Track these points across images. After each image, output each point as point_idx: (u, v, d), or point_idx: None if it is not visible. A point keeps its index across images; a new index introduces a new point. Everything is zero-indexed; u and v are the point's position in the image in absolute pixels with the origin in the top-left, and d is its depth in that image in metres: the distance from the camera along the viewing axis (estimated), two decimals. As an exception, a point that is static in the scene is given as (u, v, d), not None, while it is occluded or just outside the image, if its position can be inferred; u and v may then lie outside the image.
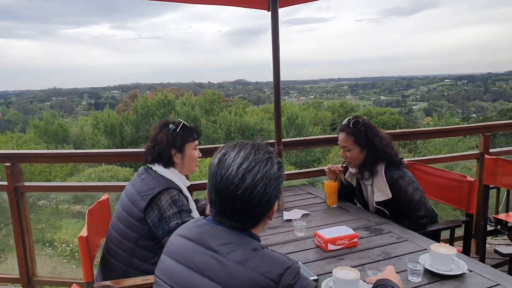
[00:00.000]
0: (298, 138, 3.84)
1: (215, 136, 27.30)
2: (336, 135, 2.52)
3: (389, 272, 1.38)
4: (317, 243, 1.90)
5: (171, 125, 2.01)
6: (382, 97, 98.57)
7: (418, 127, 52.23)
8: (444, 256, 1.58)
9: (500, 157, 3.01)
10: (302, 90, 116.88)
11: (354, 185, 2.58)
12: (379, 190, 2.32)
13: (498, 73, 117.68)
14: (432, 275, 1.56)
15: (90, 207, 2.02)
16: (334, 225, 2.08)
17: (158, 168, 1.99)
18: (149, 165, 2.04)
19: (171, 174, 1.98)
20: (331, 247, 1.83)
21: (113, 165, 16.74)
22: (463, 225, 2.45)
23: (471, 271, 1.58)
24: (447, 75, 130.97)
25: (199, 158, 2.12)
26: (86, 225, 1.85)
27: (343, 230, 1.92)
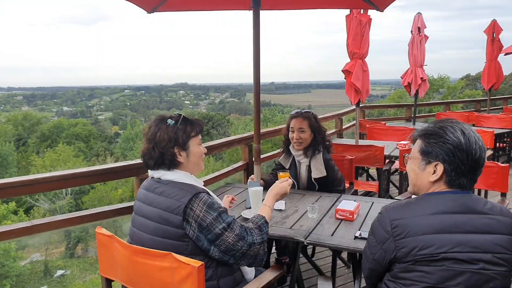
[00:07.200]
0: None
1: None
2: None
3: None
4: (342, 217, 2.25)
5: (169, 120, 1.76)
6: (65, 108, 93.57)
7: (107, 136, 53.26)
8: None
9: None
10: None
11: (287, 167, 2.99)
12: (316, 169, 2.84)
13: (168, 85, 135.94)
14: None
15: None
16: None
17: (169, 176, 1.73)
18: (155, 176, 1.76)
19: (186, 177, 1.74)
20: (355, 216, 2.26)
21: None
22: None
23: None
24: (127, 86, 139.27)
25: (205, 154, 1.91)
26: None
27: (350, 204, 2.34)
